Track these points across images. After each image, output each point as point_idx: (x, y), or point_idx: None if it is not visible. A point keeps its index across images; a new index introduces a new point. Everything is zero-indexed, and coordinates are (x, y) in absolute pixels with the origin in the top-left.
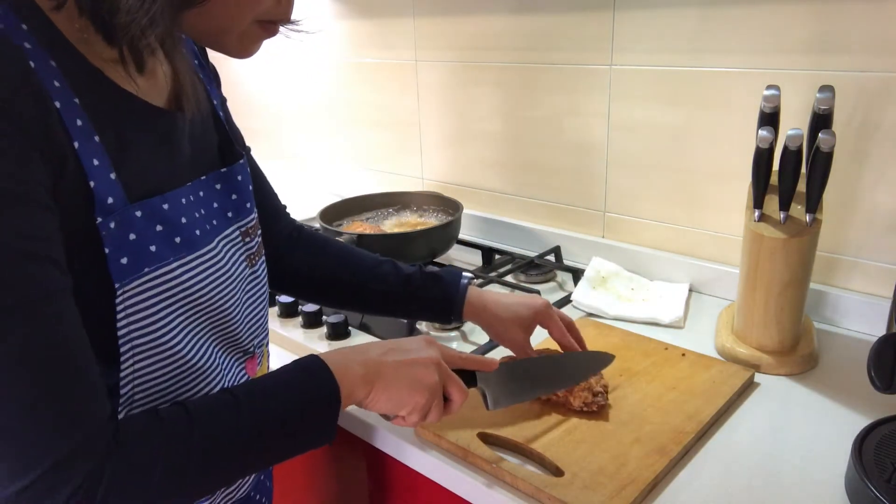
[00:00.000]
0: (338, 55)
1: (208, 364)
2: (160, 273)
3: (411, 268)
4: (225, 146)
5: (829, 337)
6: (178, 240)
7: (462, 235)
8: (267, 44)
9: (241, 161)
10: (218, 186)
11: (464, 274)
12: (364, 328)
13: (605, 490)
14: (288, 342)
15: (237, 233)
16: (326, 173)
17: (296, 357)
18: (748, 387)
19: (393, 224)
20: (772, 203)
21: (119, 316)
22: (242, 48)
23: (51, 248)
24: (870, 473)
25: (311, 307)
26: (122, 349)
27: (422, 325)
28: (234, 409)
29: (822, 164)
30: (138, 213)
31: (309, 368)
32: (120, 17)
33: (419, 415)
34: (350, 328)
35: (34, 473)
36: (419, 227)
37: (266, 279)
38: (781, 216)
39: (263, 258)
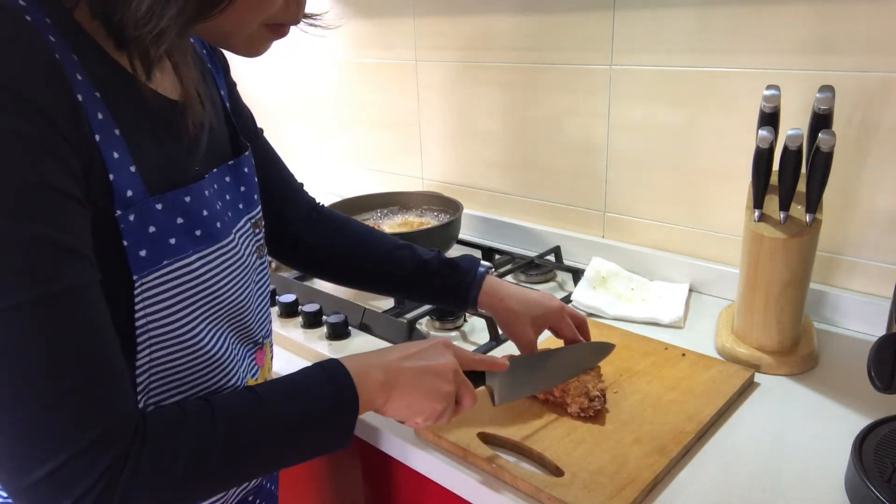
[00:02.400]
0: (338, 55)
1: (223, 355)
2: (179, 266)
3: (429, 253)
4: (234, 138)
5: (829, 337)
6: (198, 233)
7: (462, 235)
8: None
9: (247, 153)
10: (227, 179)
11: (482, 263)
12: (364, 328)
13: (604, 490)
14: (288, 342)
15: (248, 224)
16: (326, 173)
17: (296, 357)
18: (748, 387)
19: (393, 224)
20: (772, 203)
21: (137, 307)
22: (251, 49)
23: (82, 242)
24: (870, 473)
25: (311, 307)
26: (138, 340)
27: (422, 325)
28: (257, 407)
29: (822, 164)
30: (158, 206)
31: (330, 373)
32: (128, 31)
33: (432, 420)
34: (350, 328)
35: (55, 462)
36: (419, 227)
37: (268, 270)
38: (781, 216)
39: (266, 248)
